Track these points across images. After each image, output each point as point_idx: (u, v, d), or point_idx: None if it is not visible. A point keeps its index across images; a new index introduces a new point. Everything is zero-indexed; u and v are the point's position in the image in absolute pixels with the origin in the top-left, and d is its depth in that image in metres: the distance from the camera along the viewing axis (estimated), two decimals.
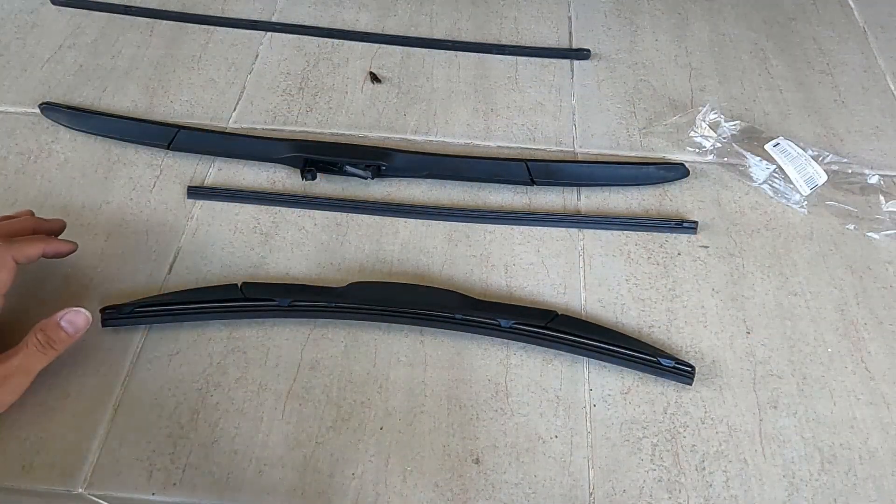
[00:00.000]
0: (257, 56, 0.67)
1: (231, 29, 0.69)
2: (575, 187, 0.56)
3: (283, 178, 0.56)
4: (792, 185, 0.55)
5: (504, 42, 0.69)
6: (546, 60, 0.67)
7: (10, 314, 0.45)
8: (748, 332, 0.48)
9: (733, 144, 0.58)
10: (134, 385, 0.44)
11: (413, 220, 0.54)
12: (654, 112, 0.62)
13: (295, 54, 0.67)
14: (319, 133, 0.60)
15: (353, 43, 0.68)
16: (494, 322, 0.45)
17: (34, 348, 0.41)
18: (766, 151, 0.57)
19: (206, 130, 0.59)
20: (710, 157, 0.58)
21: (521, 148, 0.59)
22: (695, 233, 0.53)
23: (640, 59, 0.67)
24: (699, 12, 0.73)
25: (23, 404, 0.43)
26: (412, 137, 0.60)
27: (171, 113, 0.61)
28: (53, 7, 0.71)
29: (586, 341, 0.45)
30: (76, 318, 0.43)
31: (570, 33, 0.70)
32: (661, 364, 0.44)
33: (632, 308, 0.49)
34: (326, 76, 0.65)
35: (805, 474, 0.41)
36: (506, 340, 0.46)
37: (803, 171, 0.55)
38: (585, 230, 0.53)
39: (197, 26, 0.70)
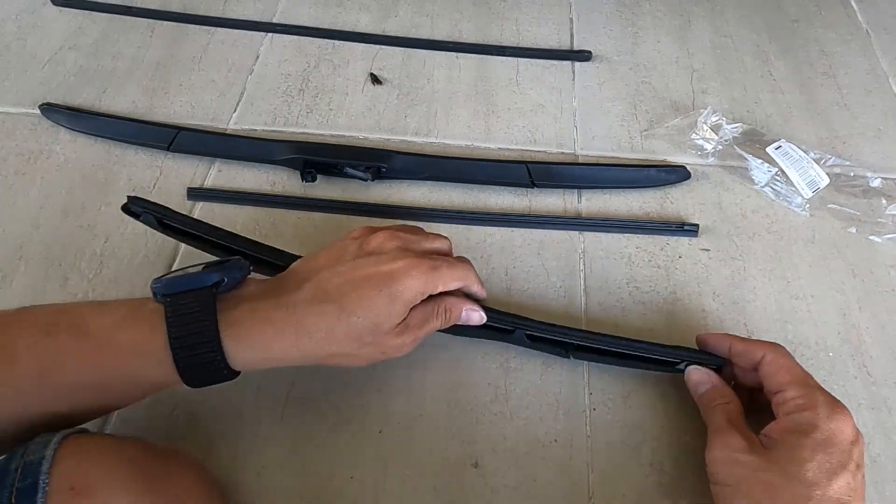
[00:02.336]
0: (258, 57, 0.67)
1: (232, 30, 0.69)
2: (576, 190, 0.56)
3: (283, 179, 0.56)
4: (794, 188, 0.55)
5: (505, 44, 0.69)
6: (547, 62, 0.67)
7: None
8: (749, 336, 0.47)
9: (735, 147, 0.58)
10: None
11: (413, 222, 0.54)
12: (655, 114, 0.62)
13: (296, 55, 0.67)
14: (319, 134, 0.60)
15: (353, 44, 0.68)
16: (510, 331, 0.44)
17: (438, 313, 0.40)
18: (768, 154, 0.57)
19: (207, 132, 0.59)
20: (711, 160, 0.58)
21: (522, 150, 0.59)
22: (696, 236, 0.53)
23: (641, 61, 0.67)
24: (701, 14, 0.73)
25: None
26: (412, 139, 0.60)
27: (172, 114, 0.61)
28: (54, 8, 0.71)
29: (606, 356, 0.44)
30: (472, 316, 0.41)
31: (572, 35, 0.70)
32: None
33: (633, 311, 0.48)
34: (327, 77, 0.65)
35: None
36: (506, 343, 0.46)
37: (805, 173, 0.55)
38: (586, 233, 0.53)
39: (197, 27, 0.70)
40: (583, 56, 0.67)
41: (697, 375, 0.42)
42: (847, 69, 0.67)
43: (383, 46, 0.68)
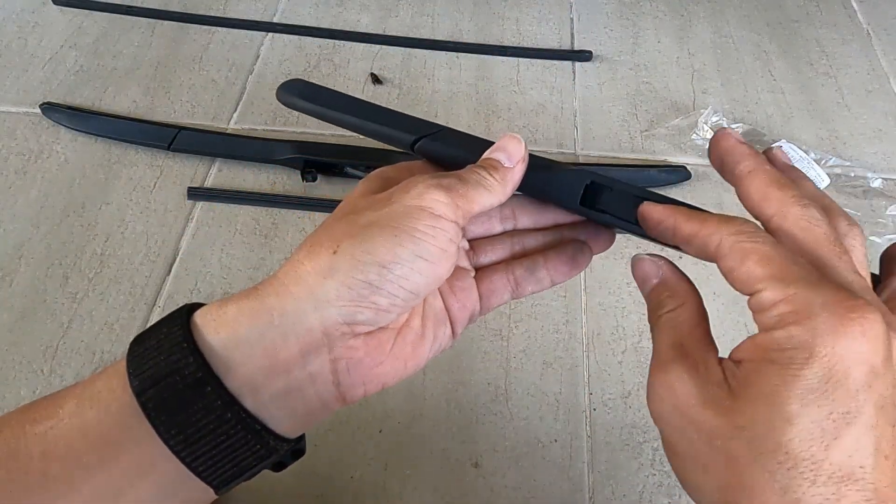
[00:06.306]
0: (258, 57, 0.67)
1: (232, 29, 0.69)
2: None
3: (283, 179, 0.56)
4: None
5: (506, 43, 0.69)
6: (548, 62, 0.67)
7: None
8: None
9: None
10: None
11: None
12: (655, 114, 0.62)
13: (296, 55, 0.67)
14: (320, 134, 0.60)
15: (354, 44, 0.68)
16: None
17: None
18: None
19: (207, 131, 0.59)
20: None
21: None
22: None
23: (642, 61, 0.67)
24: (702, 14, 0.73)
25: None
26: None
27: (172, 113, 0.61)
28: (55, 7, 0.71)
29: None
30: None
31: (572, 35, 0.70)
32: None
33: (633, 311, 0.48)
34: (327, 77, 0.65)
35: None
36: (505, 343, 0.46)
37: (805, 174, 0.55)
38: None
39: (198, 27, 0.70)
40: (583, 56, 0.67)
41: (644, 267, 0.28)
42: (847, 69, 0.67)
43: (384, 46, 0.68)
